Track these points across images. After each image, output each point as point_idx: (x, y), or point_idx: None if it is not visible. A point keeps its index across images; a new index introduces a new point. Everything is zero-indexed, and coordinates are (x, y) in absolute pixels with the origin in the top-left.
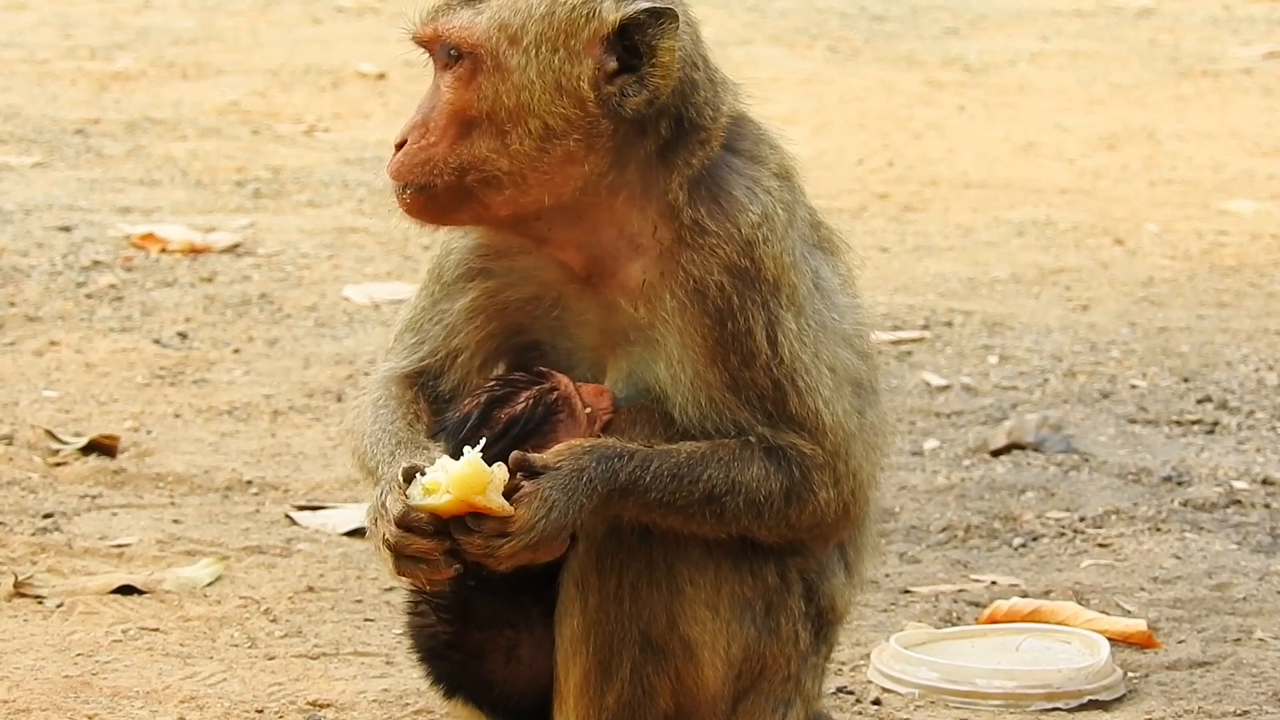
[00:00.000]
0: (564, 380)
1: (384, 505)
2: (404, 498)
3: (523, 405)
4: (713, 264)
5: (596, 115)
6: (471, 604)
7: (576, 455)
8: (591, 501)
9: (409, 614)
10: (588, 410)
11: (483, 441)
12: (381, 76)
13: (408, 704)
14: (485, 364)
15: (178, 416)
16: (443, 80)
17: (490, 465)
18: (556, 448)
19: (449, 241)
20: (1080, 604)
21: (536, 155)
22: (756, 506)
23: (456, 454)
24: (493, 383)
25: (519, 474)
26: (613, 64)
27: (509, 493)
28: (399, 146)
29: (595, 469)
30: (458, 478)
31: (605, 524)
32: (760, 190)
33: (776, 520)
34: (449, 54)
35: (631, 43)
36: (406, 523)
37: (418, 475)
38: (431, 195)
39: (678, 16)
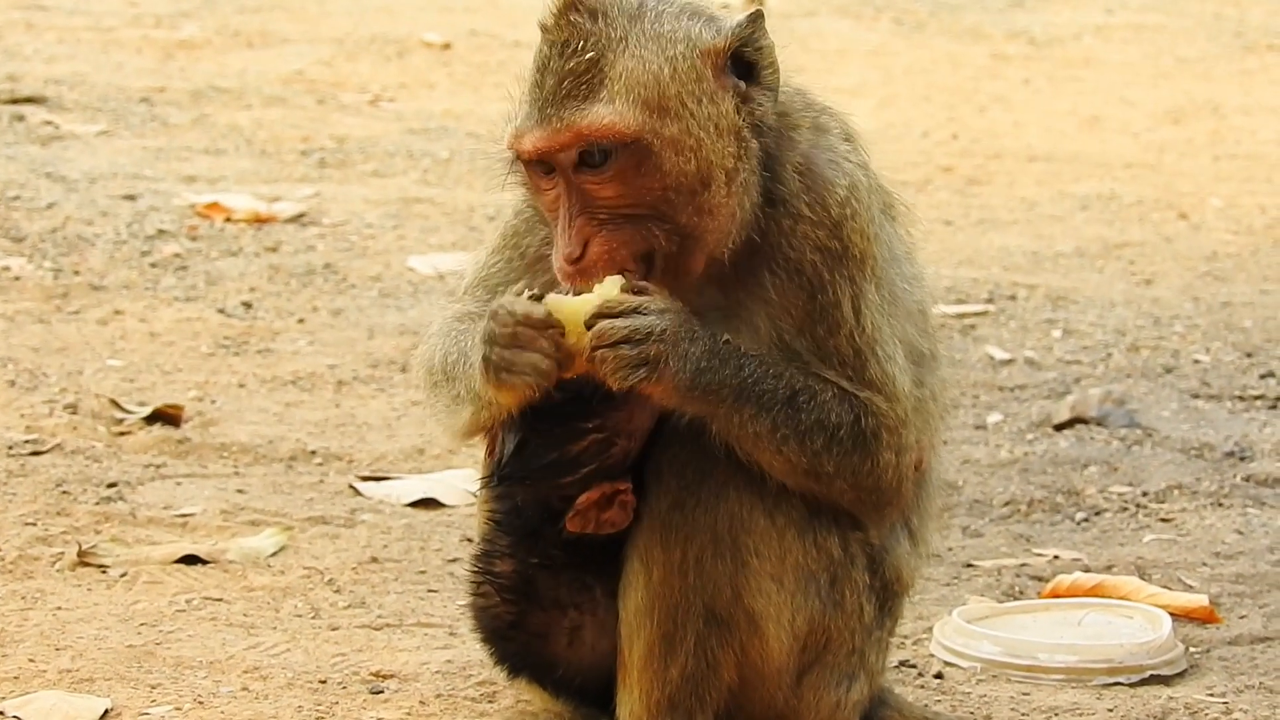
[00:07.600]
0: None
1: (505, 304)
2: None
3: None
4: (806, 246)
5: (749, 137)
6: (534, 584)
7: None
8: (673, 349)
9: (472, 595)
10: None
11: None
12: (447, 46)
13: (471, 675)
14: None
15: (242, 386)
16: (586, 180)
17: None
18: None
19: (523, 215)
20: (1142, 579)
21: (726, 200)
22: (826, 429)
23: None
24: None
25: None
26: (741, 84)
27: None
28: (575, 261)
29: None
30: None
31: (678, 465)
32: (841, 160)
33: (843, 459)
34: (597, 154)
35: (741, 56)
36: (530, 318)
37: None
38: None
39: (763, 11)
